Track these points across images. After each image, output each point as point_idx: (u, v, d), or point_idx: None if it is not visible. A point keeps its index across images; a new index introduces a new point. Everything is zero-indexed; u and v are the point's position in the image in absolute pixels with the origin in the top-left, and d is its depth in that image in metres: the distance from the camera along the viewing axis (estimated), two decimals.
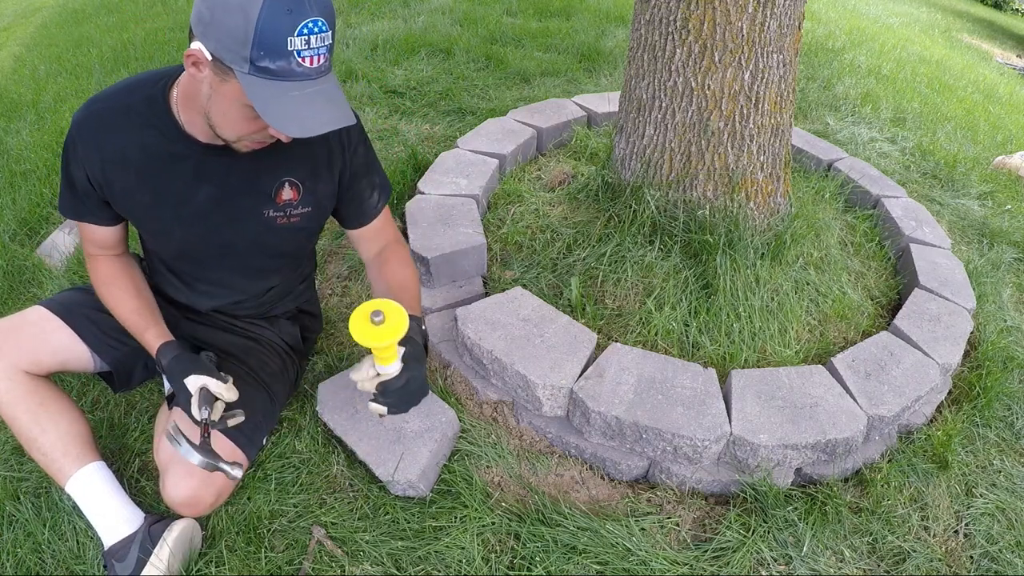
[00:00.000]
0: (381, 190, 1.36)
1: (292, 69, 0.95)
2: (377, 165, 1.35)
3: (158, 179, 1.17)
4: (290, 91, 0.96)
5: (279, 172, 1.23)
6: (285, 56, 0.93)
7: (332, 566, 1.26)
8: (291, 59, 0.94)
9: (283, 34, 0.91)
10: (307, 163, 1.25)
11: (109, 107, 1.15)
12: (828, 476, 1.48)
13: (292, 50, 0.93)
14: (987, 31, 9.53)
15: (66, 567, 1.24)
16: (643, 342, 1.70)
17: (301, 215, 1.28)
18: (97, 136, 1.14)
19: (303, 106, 0.97)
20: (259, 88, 0.95)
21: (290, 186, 1.24)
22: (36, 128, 2.93)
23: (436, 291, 1.87)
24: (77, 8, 5.27)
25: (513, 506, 1.39)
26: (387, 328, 1.06)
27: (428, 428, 1.41)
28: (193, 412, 1.16)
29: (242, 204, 1.23)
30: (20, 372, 1.22)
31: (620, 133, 2.02)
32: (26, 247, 2.16)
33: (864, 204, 2.43)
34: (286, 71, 0.94)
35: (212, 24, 0.93)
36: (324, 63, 0.98)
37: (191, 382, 1.17)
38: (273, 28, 0.90)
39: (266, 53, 0.92)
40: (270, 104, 0.95)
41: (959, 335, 1.76)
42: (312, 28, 0.93)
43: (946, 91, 4.36)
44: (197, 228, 1.23)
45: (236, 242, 1.27)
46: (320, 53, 0.96)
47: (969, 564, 1.39)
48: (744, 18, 1.64)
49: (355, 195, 1.32)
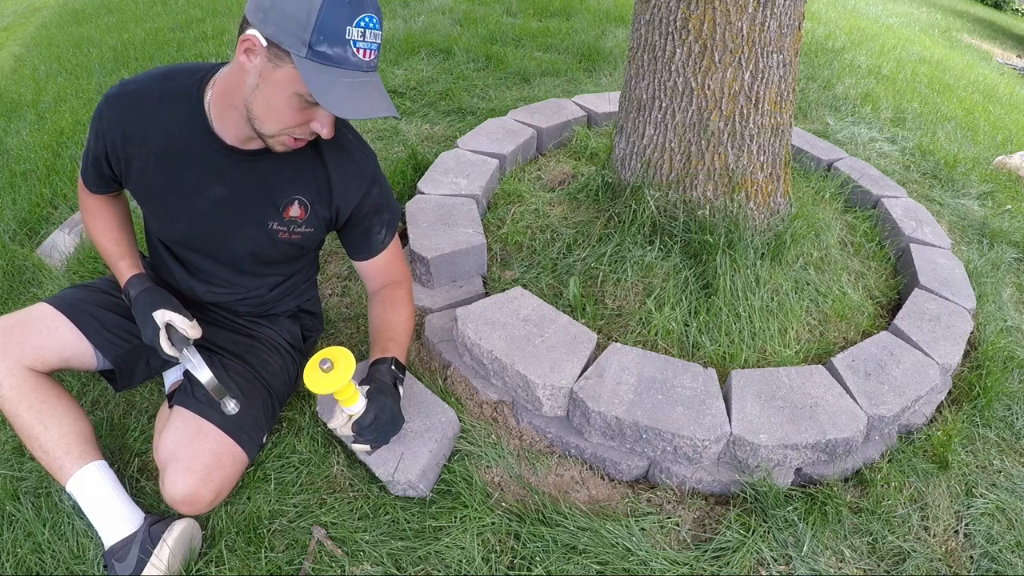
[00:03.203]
0: (389, 226, 1.39)
1: (347, 57, 1.00)
2: (390, 203, 1.38)
3: (174, 168, 1.20)
4: (343, 77, 1.00)
5: (292, 189, 1.25)
6: (342, 44, 0.98)
7: (332, 566, 1.26)
8: (347, 48, 0.99)
9: (343, 22, 0.97)
10: (319, 186, 1.27)
11: (143, 89, 1.19)
12: (828, 476, 1.48)
13: (349, 39, 0.98)
14: (987, 31, 9.53)
15: (66, 567, 1.24)
16: (643, 342, 1.70)
17: (303, 234, 1.31)
18: (125, 114, 1.18)
19: (355, 92, 1.01)
20: (314, 72, 0.99)
21: (299, 204, 1.27)
22: (36, 128, 2.93)
23: (436, 291, 1.87)
24: (77, 8, 5.27)
25: (513, 506, 1.39)
26: (335, 374, 1.15)
27: (428, 428, 1.41)
28: (163, 346, 1.21)
29: (249, 211, 1.25)
30: (24, 369, 1.22)
31: (620, 133, 2.02)
32: (26, 247, 2.16)
33: (864, 204, 2.43)
34: (341, 58, 0.99)
35: (273, 9, 0.97)
36: (374, 59, 1.04)
37: (158, 315, 1.22)
38: (335, 15, 0.96)
39: (325, 38, 0.97)
40: (324, 88, 1.00)
41: (959, 335, 1.76)
42: (368, 23, 1.00)
43: (946, 91, 4.36)
44: (200, 223, 1.25)
45: (234, 245, 1.29)
46: (372, 48, 1.02)
47: (969, 564, 1.39)
48: (744, 18, 1.64)
49: (363, 231, 1.36)
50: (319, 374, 1.15)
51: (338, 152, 1.26)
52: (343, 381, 1.16)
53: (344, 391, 1.19)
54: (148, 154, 1.19)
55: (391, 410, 1.26)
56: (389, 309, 1.41)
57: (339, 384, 1.15)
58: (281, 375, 1.43)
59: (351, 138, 1.30)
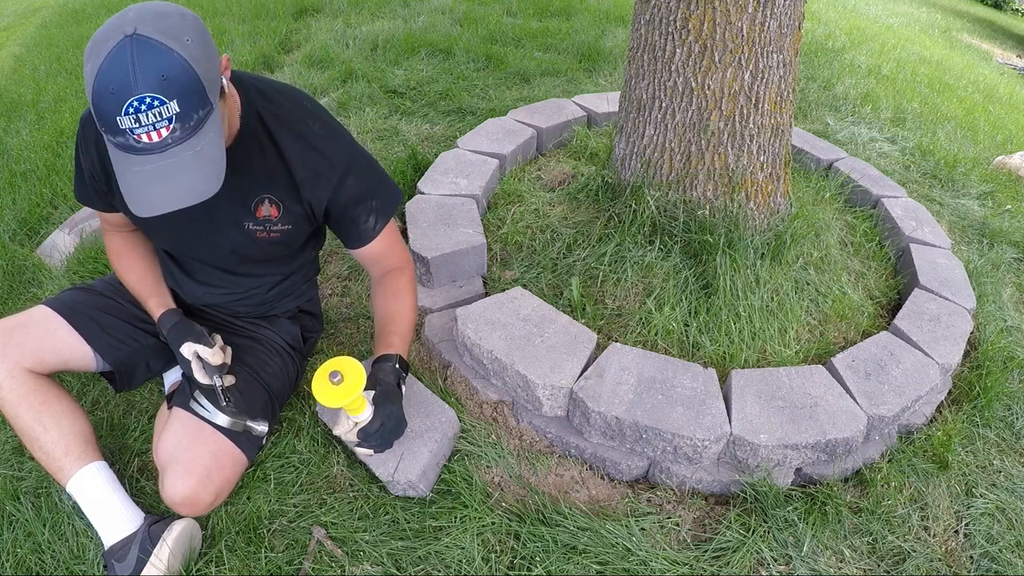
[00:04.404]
0: (379, 213, 1.34)
1: (132, 145, 0.93)
2: (378, 189, 1.33)
3: None
4: (133, 166, 0.95)
5: (260, 188, 1.24)
6: (121, 133, 0.92)
7: (332, 566, 1.26)
8: (128, 136, 0.92)
9: (112, 114, 0.90)
10: (285, 184, 1.25)
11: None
12: (828, 476, 1.48)
13: (125, 128, 0.91)
14: (987, 31, 9.53)
15: (66, 567, 1.24)
16: (643, 342, 1.70)
17: (281, 231, 1.30)
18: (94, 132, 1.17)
19: (145, 183, 0.96)
20: (116, 158, 0.96)
21: (270, 203, 1.26)
22: (36, 128, 2.93)
23: (436, 291, 1.87)
24: (77, 8, 5.27)
25: (513, 506, 1.39)
26: (346, 387, 1.14)
27: (428, 428, 1.41)
28: (197, 376, 1.24)
29: (225, 214, 1.24)
30: (24, 371, 1.22)
31: (620, 133, 2.02)
32: (26, 247, 2.16)
33: (864, 204, 2.43)
34: (127, 146, 0.94)
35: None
36: (169, 136, 0.94)
37: (185, 349, 1.25)
38: (104, 107, 0.89)
39: (106, 130, 0.92)
40: (122, 175, 0.97)
41: (959, 335, 1.76)
42: (139, 106, 0.89)
43: (946, 91, 4.36)
44: (182, 229, 1.26)
45: (218, 247, 1.30)
46: (158, 128, 0.92)
47: (969, 564, 1.39)
48: (744, 18, 1.64)
49: (349, 221, 1.33)
50: (329, 387, 1.13)
51: (301, 148, 1.23)
52: (354, 395, 1.14)
53: (354, 401, 1.18)
54: None
55: (396, 417, 1.26)
56: (391, 299, 1.39)
57: (350, 398, 1.14)
58: (281, 376, 1.43)
59: (318, 130, 1.25)
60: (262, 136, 1.21)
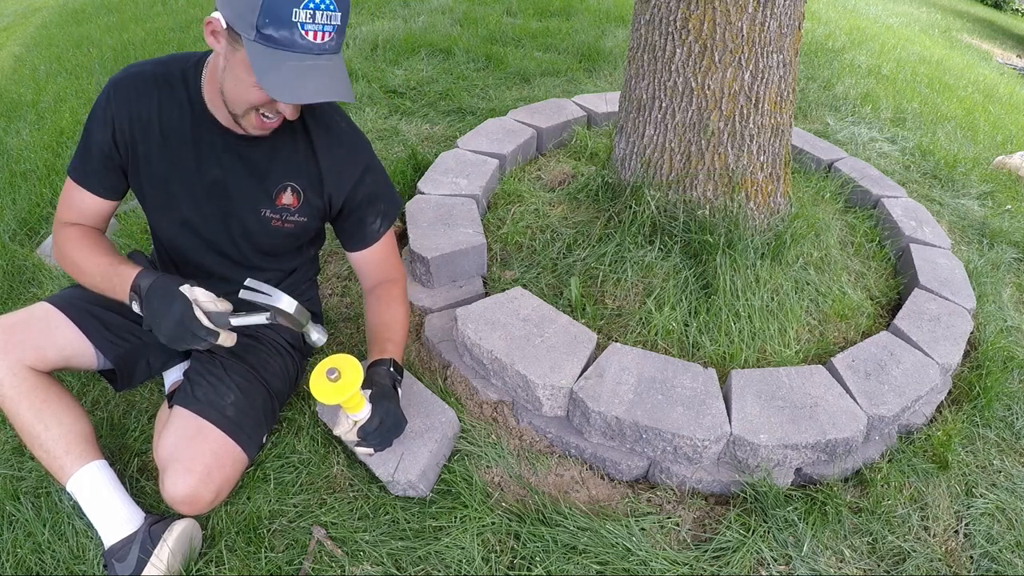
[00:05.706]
0: (385, 217, 1.39)
1: (295, 40, 0.98)
2: (386, 193, 1.38)
3: (176, 152, 1.22)
4: (288, 60, 0.99)
5: (284, 175, 1.26)
6: (288, 26, 0.97)
7: (332, 566, 1.26)
8: (294, 30, 0.97)
9: (290, 4, 0.96)
10: (311, 174, 1.28)
11: (145, 72, 1.21)
12: (828, 476, 1.48)
13: (296, 21, 0.97)
14: (987, 31, 9.53)
15: (66, 567, 1.24)
16: (643, 342, 1.70)
17: (296, 223, 1.32)
18: (131, 96, 1.19)
19: (302, 75, 1.00)
20: (260, 55, 0.99)
21: (292, 192, 1.28)
22: (36, 128, 2.93)
23: (436, 291, 1.87)
24: (77, 8, 5.27)
25: (513, 506, 1.39)
26: (343, 384, 1.14)
27: (428, 428, 1.41)
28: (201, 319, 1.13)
29: (243, 196, 1.26)
30: (25, 368, 1.22)
31: (620, 133, 2.02)
32: (26, 247, 2.16)
33: (864, 204, 2.43)
34: (288, 41, 0.98)
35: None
36: (329, 41, 1.01)
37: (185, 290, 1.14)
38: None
39: (271, 21, 0.96)
40: (267, 70, 0.99)
41: (959, 335, 1.76)
42: (319, 4, 0.97)
43: (946, 91, 4.36)
44: (200, 208, 1.27)
45: (230, 230, 1.30)
46: (325, 30, 1.00)
47: (969, 564, 1.39)
48: (744, 18, 1.64)
49: (357, 219, 1.36)
50: (327, 384, 1.14)
51: (329, 139, 1.27)
52: (351, 391, 1.15)
53: (351, 399, 1.19)
54: (153, 137, 1.21)
55: (395, 414, 1.27)
56: (385, 308, 1.41)
57: (347, 395, 1.15)
58: (281, 375, 1.43)
59: (344, 126, 1.30)
60: (296, 125, 1.25)
